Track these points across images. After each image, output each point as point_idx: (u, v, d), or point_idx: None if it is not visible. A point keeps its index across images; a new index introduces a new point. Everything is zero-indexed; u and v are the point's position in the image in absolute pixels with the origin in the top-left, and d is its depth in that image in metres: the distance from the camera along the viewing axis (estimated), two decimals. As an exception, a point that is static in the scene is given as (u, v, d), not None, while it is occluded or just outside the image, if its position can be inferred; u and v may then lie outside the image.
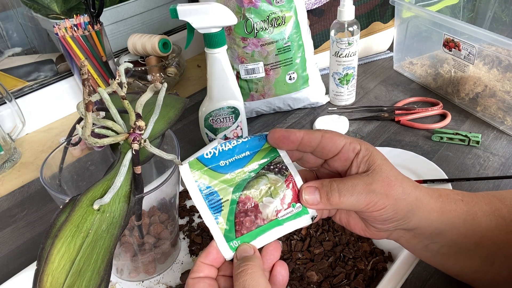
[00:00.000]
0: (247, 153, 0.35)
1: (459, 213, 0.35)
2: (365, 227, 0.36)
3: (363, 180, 0.33)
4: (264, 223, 0.34)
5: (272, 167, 0.35)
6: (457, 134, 0.65)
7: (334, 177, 0.35)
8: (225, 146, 0.35)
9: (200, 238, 0.51)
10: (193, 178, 0.34)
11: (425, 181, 0.56)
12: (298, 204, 0.35)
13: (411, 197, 0.33)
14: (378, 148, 0.63)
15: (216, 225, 0.34)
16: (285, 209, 0.34)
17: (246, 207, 0.34)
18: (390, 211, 0.33)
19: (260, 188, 0.34)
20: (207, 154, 0.34)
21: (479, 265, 0.36)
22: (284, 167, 0.35)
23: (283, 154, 0.35)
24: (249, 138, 0.35)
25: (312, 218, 0.35)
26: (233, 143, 0.35)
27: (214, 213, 0.34)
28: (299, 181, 0.35)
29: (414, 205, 0.33)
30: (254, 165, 0.35)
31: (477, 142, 0.64)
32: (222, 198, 0.34)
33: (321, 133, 0.34)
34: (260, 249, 0.34)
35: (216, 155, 0.34)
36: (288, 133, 0.34)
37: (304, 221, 0.35)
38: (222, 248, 0.33)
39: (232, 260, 0.34)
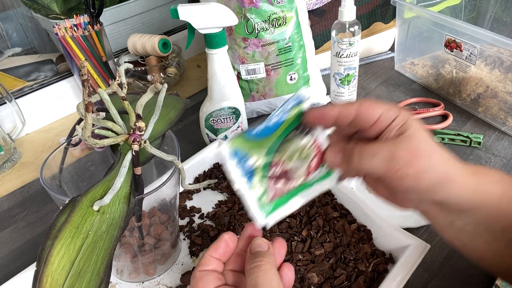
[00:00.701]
0: (279, 118, 0.35)
1: (493, 195, 0.33)
2: (390, 195, 0.36)
3: (387, 146, 0.32)
4: (295, 186, 0.35)
5: (300, 130, 0.35)
6: (458, 135, 0.64)
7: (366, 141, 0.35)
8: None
9: (201, 239, 0.51)
10: (227, 146, 0.34)
11: (426, 182, 0.56)
12: (325, 166, 0.35)
13: (439, 171, 0.32)
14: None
15: (249, 190, 0.34)
16: (313, 171, 0.35)
17: (277, 171, 0.34)
18: (411, 182, 0.31)
19: (290, 152, 0.35)
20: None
21: (503, 248, 0.35)
22: (311, 130, 0.35)
23: None
24: (283, 104, 0.35)
25: (338, 179, 0.36)
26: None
27: (247, 179, 0.34)
28: (325, 144, 0.35)
29: (441, 179, 0.32)
30: (284, 130, 0.35)
31: (479, 143, 0.63)
32: (254, 164, 0.34)
33: (355, 106, 0.33)
34: None
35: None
36: (323, 112, 0.33)
37: (330, 182, 0.36)
38: (256, 213, 0.34)
39: (239, 254, 0.35)
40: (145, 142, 0.38)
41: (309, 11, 0.77)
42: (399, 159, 0.31)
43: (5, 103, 0.74)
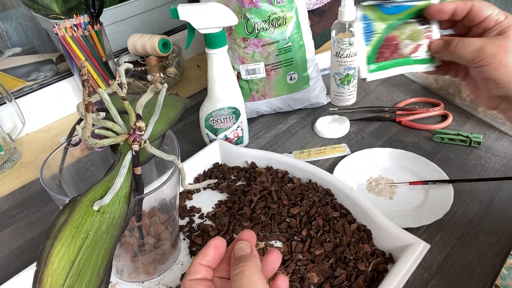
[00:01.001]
0: (408, 3, 0.43)
1: None
2: (478, 93, 0.42)
3: (481, 40, 0.38)
4: (399, 58, 0.44)
5: (420, 19, 0.44)
6: (458, 134, 0.64)
7: None
8: None
9: (201, 239, 0.51)
10: (361, 9, 0.43)
11: (426, 182, 0.56)
12: (429, 53, 0.44)
13: None
14: (378, 149, 0.63)
15: (364, 48, 0.44)
16: (418, 53, 0.44)
17: (390, 43, 0.44)
18: (492, 72, 0.36)
19: (405, 32, 0.44)
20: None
21: None
22: (429, 22, 0.44)
23: None
24: None
25: (435, 66, 0.45)
26: None
27: (366, 40, 0.44)
28: (436, 35, 0.44)
29: None
30: (408, 14, 0.44)
31: (479, 143, 0.63)
32: (375, 31, 0.44)
33: (471, 2, 0.39)
34: (261, 258, 0.34)
35: None
36: (443, 6, 0.41)
37: (429, 67, 0.45)
38: (362, 67, 0.44)
39: (229, 261, 0.34)
40: (145, 142, 0.38)
41: (309, 11, 0.77)
42: (486, 50, 0.37)
43: (5, 103, 0.74)
